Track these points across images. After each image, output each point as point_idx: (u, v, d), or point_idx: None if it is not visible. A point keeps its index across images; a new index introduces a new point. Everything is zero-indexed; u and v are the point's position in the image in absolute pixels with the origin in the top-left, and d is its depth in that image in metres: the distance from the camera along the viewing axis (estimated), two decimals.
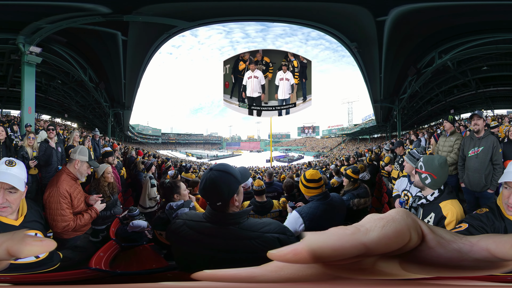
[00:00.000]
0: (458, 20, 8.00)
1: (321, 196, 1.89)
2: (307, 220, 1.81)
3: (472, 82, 10.91)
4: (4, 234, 0.34)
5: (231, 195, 1.14)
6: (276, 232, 1.13)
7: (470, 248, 0.30)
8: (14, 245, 0.32)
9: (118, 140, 15.56)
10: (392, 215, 0.31)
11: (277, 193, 4.05)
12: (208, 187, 1.14)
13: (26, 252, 0.32)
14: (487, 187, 3.29)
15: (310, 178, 1.91)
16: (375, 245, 0.29)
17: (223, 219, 1.15)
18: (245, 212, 1.18)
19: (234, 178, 1.16)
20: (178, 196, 2.36)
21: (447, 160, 3.82)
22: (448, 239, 0.31)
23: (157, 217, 2.43)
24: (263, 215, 2.90)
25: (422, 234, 0.31)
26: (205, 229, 1.16)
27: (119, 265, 2.23)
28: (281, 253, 0.29)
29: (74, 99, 13.21)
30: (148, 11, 8.41)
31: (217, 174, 1.14)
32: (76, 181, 2.34)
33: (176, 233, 1.22)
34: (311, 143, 33.36)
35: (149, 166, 4.61)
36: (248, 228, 1.14)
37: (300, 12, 8.76)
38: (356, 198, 2.88)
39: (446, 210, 1.69)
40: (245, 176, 1.23)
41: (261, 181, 2.95)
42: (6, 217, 1.55)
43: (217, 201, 1.14)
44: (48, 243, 0.33)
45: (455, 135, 3.84)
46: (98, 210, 2.32)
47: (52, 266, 1.68)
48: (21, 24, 7.47)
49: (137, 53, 11.40)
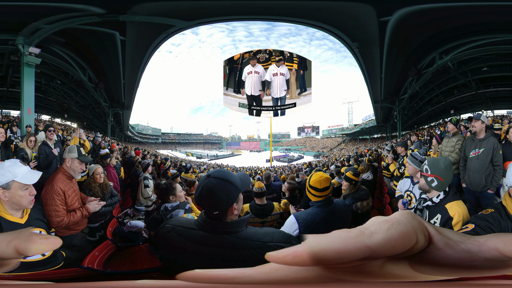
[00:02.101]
0: (459, 21, 8.02)
1: (322, 203, 1.80)
2: (303, 227, 1.75)
3: (472, 82, 10.93)
4: (11, 233, 0.34)
5: (230, 204, 1.06)
6: (280, 241, 1.06)
7: (479, 248, 0.30)
8: (22, 243, 0.33)
9: (118, 140, 15.57)
10: (397, 217, 0.31)
11: (276, 194, 4.05)
12: (204, 195, 1.06)
13: (34, 250, 0.32)
14: (487, 187, 3.34)
15: (314, 186, 1.81)
16: (380, 248, 0.28)
17: (218, 227, 1.07)
18: (243, 220, 1.09)
19: (234, 186, 1.07)
20: (173, 198, 2.34)
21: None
22: (456, 240, 0.31)
23: (152, 218, 2.41)
24: (264, 218, 2.85)
25: (429, 235, 0.31)
26: (196, 237, 1.09)
27: (113, 264, 2.24)
28: (280, 255, 0.29)
29: (74, 99, 13.20)
30: (142, 11, 8.41)
31: (215, 182, 1.06)
32: (72, 180, 2.38)
33: (163, 238, 1.15)
34: (311, 143, 33.41)
35: (146, 167, 4.59)
36: (247, 237, 1.06)
37: (303, 11, 8.77)
38: (358, 202, 2.86)
39: (453, 211, 1.70)
40: (246, 183, 1.16)
41: (261, 182, 2.92)
42: (12, 215, 1.62)
43: (214, 210, 1.06)
44: (54, 240, 0.34)
45: (457, 136, 3.94)
46: (90, 209, 2.34)
47: (56, 265, 1.71)
48: (20, 25, 7.49)
49: (135, 52, 11.41)
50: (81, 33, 9.09)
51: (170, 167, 6.66)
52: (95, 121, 14.86)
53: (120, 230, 2.79)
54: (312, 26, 9.77)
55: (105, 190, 2.99)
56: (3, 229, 1.55)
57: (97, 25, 8.75)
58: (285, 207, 2.97)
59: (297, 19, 9.32)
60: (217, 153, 34.38)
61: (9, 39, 7.59)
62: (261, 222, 2.85)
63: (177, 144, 34.72)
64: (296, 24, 9.88)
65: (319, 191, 1.81)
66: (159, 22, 9.31)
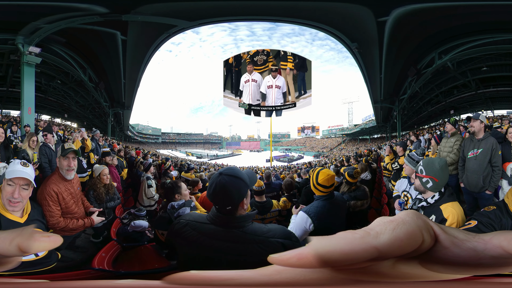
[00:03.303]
0: (458, 20, 8.00)
1: (328, 196, 1.96)
2: (316, 220, 1.88)
3: (472, 82, 10.91)
4: (13, 231, 0.34)
5: (240, 199, 1.15)
6: (281, 237, 1.13)
7: (484, 246, 0.30)
8: (24, 241, 0.33)
9: (118, 139, 15.55)
10: (402, 217, 0.31)
11: (276, 193, 4.11)
12: (218, 192, 1.14)
13: (36, 248, 0.33)
14: (485, 188, 3.33)
15: (322, 184, 1.94)
16: (387, 248, 0.28)
17: (229, 222, 1.15)
18: (250, 215, 1.18)
19: (244, 183, 1.15)
20: (179, 196, 2.39)
21: (447, 160, 3.89)
22: (461, 238, 0.31)
23: (159, 217, 2.45)
24: (263, 215, 2.94)
25: (434, 234, 0.31)
26: (209, 231, 1.16)
27: (122, 265, 2.24)
28: (284, 257, 0.29)
29: (74, 99, 13.19)
30: (146, 11, 8.39)
31: (228, 179, 1.14)
32: (69, 181, 2.33)
33: (179, 233, 1.21)
34: (311, 143, 33.37)
35: (148, 167, 4.66)
36: (252, 232, 1.13)
37: (300, 12, 8.74)
38: (352, 200, 2.88)
39: (447, 212, 1.69)
40: (253, 179, 1.24)
41: (261, 181, 2.98)
42: (13, 214, 1.63)
43: (227, 206, 1.14)
44: (55, 238, 0.34)
45: (455, 136, 3.92)
46: (95, 223, 2.32)
47: (49, 265, 1.70)
48: (20, 24, 7.47)
49: (136, 52, 11.38)
50: (82, 33, 9.07)
51: (171, 166, 6.68)
52: (95, 121, 14.85)
53: (124, 230, 2.82)
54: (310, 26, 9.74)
55: (110, 191, 3.03)
56: (2, 227, 1.55)
57: (99, 24, 8.72)
58: (283, 205, 3.00)
59: (296, 20, 9.30)
60: (217, 153, 34.35)
61: (8, 38, 7.58)
62: (261, 219, 2.95)
63: (177, 143, 34.68)
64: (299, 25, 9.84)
65: (327, 188, 1.95)
66: (162, 22, 9.29)
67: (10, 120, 8.36)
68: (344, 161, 9.02)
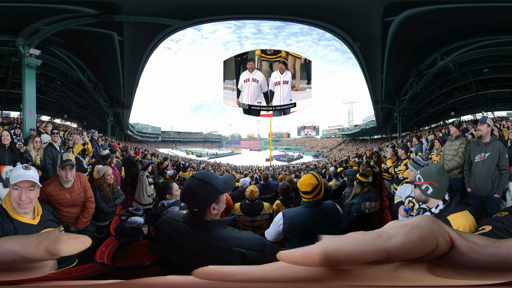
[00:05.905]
0: (461, 22, 8.00)
1: (309, 204, 1.86)
2: (287, 223, 1.83)
3: (473, 84, 10.94)
4: (39, 235, 0.34)
5: (208, 204, 1.15)
6: (247, 248, 1.11)
7: (507, 251, 0.29)
8: (52, 244, 0.33)
9: (118, 139, 15.50)
10: (417, 221, 0.31)
11: (275, 194, 3.98)
12: (187, 193, 1.17)
13: (66, 250, 0.32)
14: (494, 191, 3.30)
15: (302, 190, 1.87)
16: (397, 251, 0.28)
17: (197, 223, 1.17)
18: (222, 222, 1.18)
19: (214, 188, 1.16)
20: (170, 196, 2.50)
21: (452, 163, 3.87)
22: (481, 244, 0.31)
23: (150, 214, 2.57)
24: (253, 217, 2.91)
25: (450, 240, 0.31)
26: (179, 229, 1.20)
27: (120, 259, 2.34)
28: (291, 254, 0.30)
29: (73, 100, 13.13)
30: (135, 10, 8.36)
31: (197, 182, 1.16)
32: (66, 188, 2.41)
33: (157, 228, 1.28)
34: (310, 143, 33.42)
35: (146, 166, 4.85)
36: (217, 237, 1.14)
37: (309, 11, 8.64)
38: (367, 201, 2.89)
39: (457, 223, 1.60)
40: (229, 185, 1.25)
41: (255, 191, 2.88)
42: (24, 217, 1.64)
43: (193, 208, 1.17)
44: (84, 239, 0.34)
45: (460, 139, 3.86)
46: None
47: (72, 263, 1.74)
48: (20, 26, 7.44)
49: (134, 52, 11.37)
50: (80, 34, 9.06)
51: (169, 166, 6.71)
52: (95, 121, 14.80)
53: (122, 226, 2.94)
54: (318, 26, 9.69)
55: (114, 190, 3.23)
56: (18, 231, 1.57)
57: (95, 25, 8.74)
58: (277, 208, 2.96)
59: (305, 19, 9.25)
60: (217, 151, 34.31)
61: (9, 40, 7.56)
62: (250, 221, 2.93)
63: (177, 142, 34.65)
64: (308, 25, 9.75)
65: (307, 194, 1.87)
66: (154, 22, 9.28)
67: (12, 122, 8.30)
68: (343, 162, 8.97)
